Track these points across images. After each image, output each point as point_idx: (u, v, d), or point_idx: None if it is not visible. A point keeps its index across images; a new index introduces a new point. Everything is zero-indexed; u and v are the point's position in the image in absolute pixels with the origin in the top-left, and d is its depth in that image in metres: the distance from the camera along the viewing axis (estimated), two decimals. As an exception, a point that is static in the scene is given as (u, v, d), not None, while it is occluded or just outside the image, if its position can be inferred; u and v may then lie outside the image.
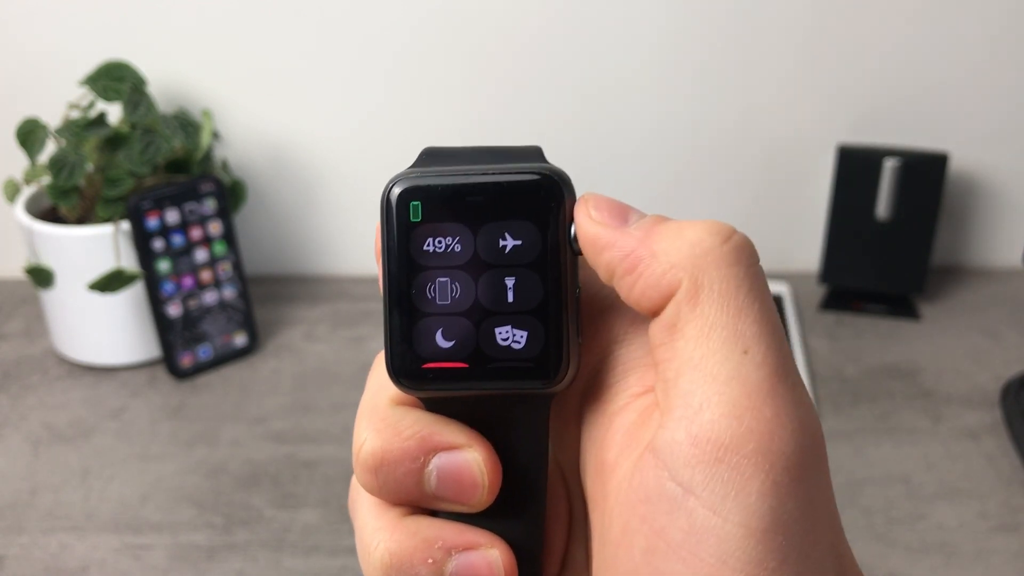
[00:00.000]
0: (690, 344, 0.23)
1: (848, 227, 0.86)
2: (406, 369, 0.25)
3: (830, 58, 0.86)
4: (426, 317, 0.25)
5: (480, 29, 0.85)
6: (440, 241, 0.25)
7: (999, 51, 0.85)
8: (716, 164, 0.90)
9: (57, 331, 0.81)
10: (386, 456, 0.25)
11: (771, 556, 0.21)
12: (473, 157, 0.26)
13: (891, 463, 0.68)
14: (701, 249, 0.23)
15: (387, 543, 0.25)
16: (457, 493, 0.25)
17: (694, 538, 0.21)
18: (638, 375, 0.25)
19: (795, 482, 0.22)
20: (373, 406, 0.26)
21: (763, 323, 0.23)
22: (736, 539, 0.21)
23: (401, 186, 0.25)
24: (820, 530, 0.22)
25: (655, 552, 0.22)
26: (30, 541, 0.63)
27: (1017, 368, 0.78)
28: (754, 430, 0.22)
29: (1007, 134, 0.88)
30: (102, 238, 0.75)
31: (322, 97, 0.88)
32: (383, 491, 0.26)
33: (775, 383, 0.22)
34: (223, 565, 0.61)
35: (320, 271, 0.95)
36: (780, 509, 0.21)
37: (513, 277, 0.25)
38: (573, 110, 0.88)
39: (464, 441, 0.25)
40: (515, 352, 0.25)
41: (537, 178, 0.25)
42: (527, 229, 0.25)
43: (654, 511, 0.22)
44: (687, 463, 0.22)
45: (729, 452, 0.21)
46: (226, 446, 0.71)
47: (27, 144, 0.75)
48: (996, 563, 0.60)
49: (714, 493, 0.21)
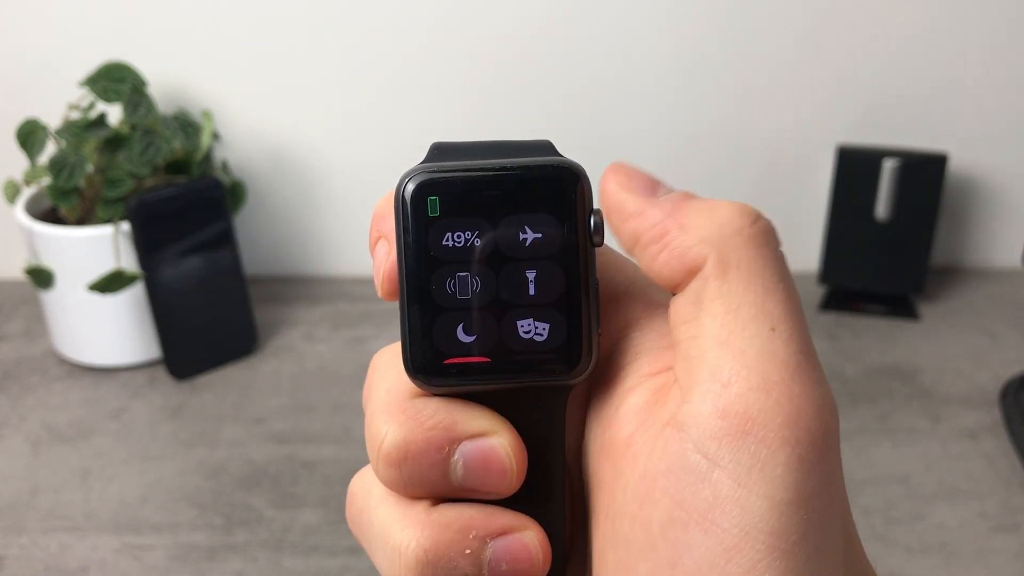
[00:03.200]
0: (717, 321, 0.23)
1: (848, 227, 0.86)
2: (426, 365, 0.25)
3: (830, 58, 0.86)
4: (446, 312, 0.25)
5: (480, 29, 0.85)
6: (459, 235, 0.25)
7: (999, 51, 0.85)
8: (716, 164, 0.90)
9: (57, 331, 0.81)
10: (410, 448, 0.25)
11: (793, 529, 0.21)
12: (485, 152, 0.26)
13: (891, 463, 0.68)
14: (731, 228, 0.24)
15: (419, 539, 0.24)
16: (485, 481, 0.25)
17: (717, 509, 0.22)
18: (650, 357, 0.25)
19: (818, 458, 0.22)
20: (389, 400, 0.26)
21: (789, 303, 0.23)
22: (760, 511, 0.21)
23: (417, 181, 0.25)
24: (835, 509, 0.23)
25: (675, 523, 0.22)
26: (30, 541, 0.63)
27: (1016, 368, 0.78)
28: (783, 404, 0.22)
29: (1007, 134, 0.88)
30: (102, 239, 0.75)
31: (322, 97, 0.88)
32: (407, 486, 0.25)
33: (801, 360, 0.23)
34: (223, 565, 0.61)
35: (320, 271, 0.95)
36: (804, 484, 0.22)
37: (534, 270, 0.25)
38: (571, 109, 0.88)
39: (489, 427, 0.25)
40: (538, 344, 0.25)
41: (556, 170, 0.25)
42: (547, 222, 0.25)
43: (677, 483, 0.22)
44: (713, 435, 0.22)
45: (757, 425, 0.22)
46: (226, 446, 0.71)
47: (27, 145, 0.76)
48: (996, 563, 0.60)
49: (740, 465, 0.22)
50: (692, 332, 0.23)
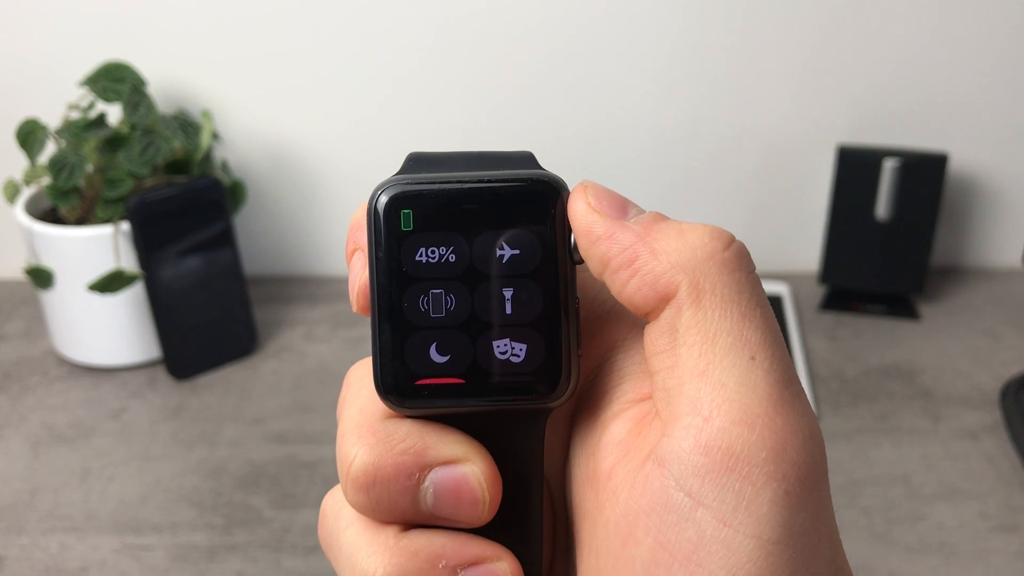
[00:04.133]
0: (694, 351, 0.22)
1: (848, 227, 0.86)
2: (398, 386, 0.24)
3: (830, 59, 0.86)
4: (419, 331, 0.24)
5: (480, 30, 0.85)
6: (433, 251, 0.24)
7: (999, 52, 0.85)
8: (716, 165, 0.90)
9: (57, 332, 0.81)
10: (379, 473, 0.24)
11: (782, 569, 0.21)
12: (462, 163, 0.25)
13: (891, 463, 0.68)
14: (703, 253, 0.23)
15: (386, 567, 0.24)
16: (456, 510, 0.24)
17: (703, 550, 0.21)
18: (634, 382, 0.25)
19: (806, 493, 0.21)
20: (360, 421, 0.25)
21: (767, 330, 0.22)
22: (747, 551, 0.21)
23: (390, 193, 0.24)
24: (824, 544, 0.22)
25: (659, 564, 0.21)
26: (30, 542, 0.63)
27: (1017, 368, 0.78)
28: (767, 438, 0.21)
29: (1007, 134, 0.88)
30: (102, 239, 0.75)
31: (322, 97, 0.88)
32: (375, 510, 0.24)
33: (782, 390, 0.22)
34: (223, 566, 0.61)
35: (320, 272, 0.95)
36: (792, 520, 0.21)
37: (511, 288, 0.24)
38: (572, 108, 0.88)
39: (462, 453, 0.24)
40: (514, 366, 0.24)
41: (535, 185, 0.24)
42: (525, 238, 0.24)
43: (660, 522, 0.21)
44: (696, 472, 0.21)
45: (741, 461, 0.21)
46: (226, 447, 0.71)
47: (27, 145, 0.75)
48: (996, 563, 0.60)
49: (724, 503, 0.21)
50: (668, 362, 0.22)
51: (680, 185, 0.91)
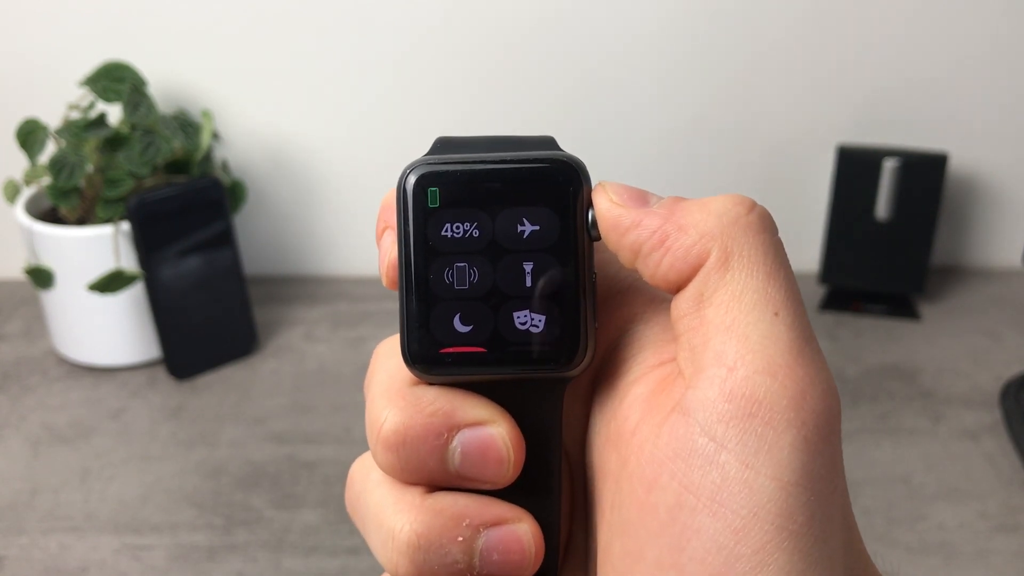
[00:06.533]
0: (720, 310, 0.23)
1: (848, 227, 0.86)
2: (423, 354, 0.25)
3: (830, 58, 0.86)
4: (444, 302, 0.25)
5: (480, 29, 0.85)
6: (458, 226, 0.25)
7: (999, 51, 0.85)
8: (716, 164, 0.90)
9: (57, 332, 0.81)
10: (409, 432, 0.25)
11: (800, 510, 0.22)
12: (487, 146, 0.26)
13: (891, 463, 0.68)
14: (728, 218, 0.24)
15: (412, 524, 0.25)
16: (482, 469, 0.25)
17: (726, 490, 0.22)
18: (654, 348, 0.26)
19: (823, 441, 0.22)
20: (389, 386, 0.26)
21: (789, 289, 0.23)
22: (768, 491, 0.22)
23: (418, 172, 0.25)
24: (838, 495, 0.23)
25: (683, 507, 0.22)
26: (30, 542, 0.63)
27: (1017, 368, 0.78)
28: (788, 387, 0.22)
29: (1007, 134, 0.88)
30: (102, 239, 0.75)
31: (322, 97, 0.88)
32: (404, 470, 0.25)
33: (803, 345, 0.23)
34: (223, 566, 0.61)
35: (320, 271, 0.95)
36: (810, 465, 0.22)
37: (531, 262, 0.25)
38: (570, 111, 0.88)
39: (488, 416, 0.25)
40: (533, 336, 0.25)
41: (555, 165, 0.25)
42: (545, 214, 0.25)
43: (685, 467, 0.22)
44: (720, 419, 0.22)
45: (763, 407, 0.22)
46: (226, 447, 0.71)
47: (27, 145, 0.75)
48: (996, 563, 0.60)
49: (747, 447, 0.22)
50: (694, 323, 0.24)
51: (680, 185, 0.91)
